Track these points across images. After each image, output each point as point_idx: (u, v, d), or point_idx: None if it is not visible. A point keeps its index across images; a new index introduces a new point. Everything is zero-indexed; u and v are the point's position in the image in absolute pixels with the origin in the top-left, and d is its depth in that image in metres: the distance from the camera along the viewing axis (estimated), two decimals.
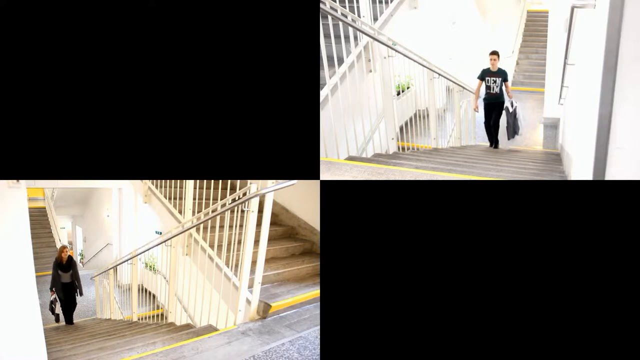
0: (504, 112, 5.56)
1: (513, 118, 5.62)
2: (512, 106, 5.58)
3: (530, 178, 3.19)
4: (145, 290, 5.61)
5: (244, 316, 2.90)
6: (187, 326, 3.71)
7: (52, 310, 5.80)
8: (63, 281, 5.72)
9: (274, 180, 2.85)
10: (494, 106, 5.60)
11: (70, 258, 5.76)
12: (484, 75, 5.55)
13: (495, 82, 5.51)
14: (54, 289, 5.71)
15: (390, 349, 1.40)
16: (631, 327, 1.31)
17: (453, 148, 5.41)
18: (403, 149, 4.45)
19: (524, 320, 1.36)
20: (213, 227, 3.22)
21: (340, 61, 3.38)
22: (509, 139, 5.70)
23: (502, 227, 1.36)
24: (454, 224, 1.38)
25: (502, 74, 5.52)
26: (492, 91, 5.53)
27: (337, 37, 3.21)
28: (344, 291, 1.41)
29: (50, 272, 6.06)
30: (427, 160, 3.60)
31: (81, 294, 5.85)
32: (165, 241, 3.92)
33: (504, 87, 5.56)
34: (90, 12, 1.51)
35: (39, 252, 8.55)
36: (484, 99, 5.66)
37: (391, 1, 4.38)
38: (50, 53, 1.50)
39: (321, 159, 2.85)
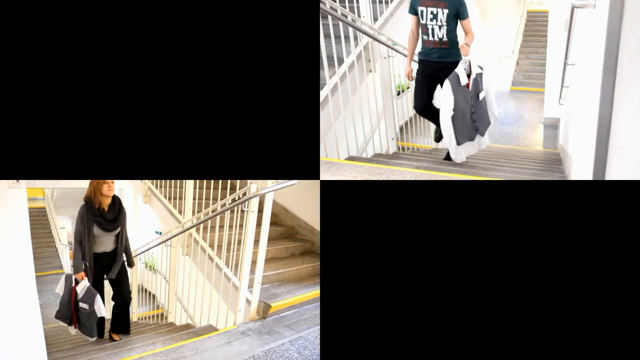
0: (446, 86, 2.77)
1: (474, 98, 2.85)
2: (468, 71, 2.80)
3: (530, 178, 3.19)
4: (145, 290, 5.61)
5: (244, 316, 2.90)
6: (187, 326, 3.71)
7: (70, 316, 2.88)
8: (100, 250, 2.91)
9: (274, 180, 2.86)
10: (435, 71, 2.90)
11: (117, 200, 2.97)
12: (415, 3, 2.84)
13: (434, 17, 2.76)
14: (84, 264, 2.80)
15: (390, 349, 1.40)
16: (631, 327, 1.31)
17: None
18: (403, 149, 4.45)
19: (524, 320, 1.36)
20: (213, 227, 3.22)
21: (340, 61, 3.38)
22: (458, 143, 2.92)
23: (502, 227, 1.36)
24: (454, 224, 1.38)
25: (451, 1, 2.76)
26: (431, 37, 2.82)
27: (337, 37, 3.21)
28: (344, 291, 1.41)
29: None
30: (427, 160, 3.60)
31: (131, 265, 3.20)
32: (165, 241, 3.93)
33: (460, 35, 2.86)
34: (90, 12, 1.51)
35: (39, 252, 8.55)
36: (419, 57, 2.99)
37: (391, 1, 4.38)
38: (49, 53, 1.50)
39: (321, 159, 2.86)
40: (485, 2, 9.64)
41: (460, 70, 2.84)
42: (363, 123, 3.73)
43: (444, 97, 2.88)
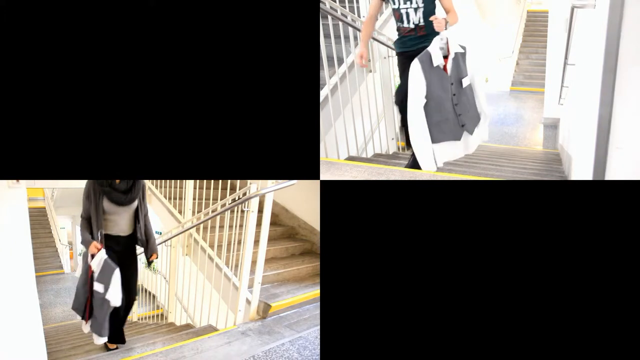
0: (413, 67, 2.24)
1: (455, 85, 2.34)
2: (445, 51, 2.29)
3: (530, 178, 3.19)
4: (145, 290, 5.61)
5: (244, 316, 2.90)
6: (187, 326, 3.71)
7: (84, 306, 2.45)
8: (113, 231, 2.50)
9: (274, 180, 2.86)
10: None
11: None
12: None
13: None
14: (98, 234, 2.39)
15: (391, 349, 1.40)
16: (631, 327, 1.31)
17: None
18: (403, 149, 4.45)
19: (524, 320, 1.36)
20: (213, 227, 3.22)
21: (340, 61, 3.38)
22: (435, 140, 2.34)
23: (502, 227, 1.36)
24: (454, 224, 1.38)
25: None
26: (406, 24, 2.45)
27: (337, 37, 3.21)
28: (344, 291, 1.41)
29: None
30: None
31: (150, 260, 2.71)
32: (165, 241, 3.93)
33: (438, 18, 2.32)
34: (90, 12, 1.51)
35: (39, 252, 8.55)
36: (396, 49, 2.63)
37: None
38: (49, 52, 1.50)
39: (321, 159, 2.86)
40: (485, 2, 9.64)
41: (434, 48, 2.24)
42: (363, 123, 3.73)
43: (411, 81, 2.25)
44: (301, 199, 4.44)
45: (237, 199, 2.88)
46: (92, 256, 2.40)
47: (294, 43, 1.58)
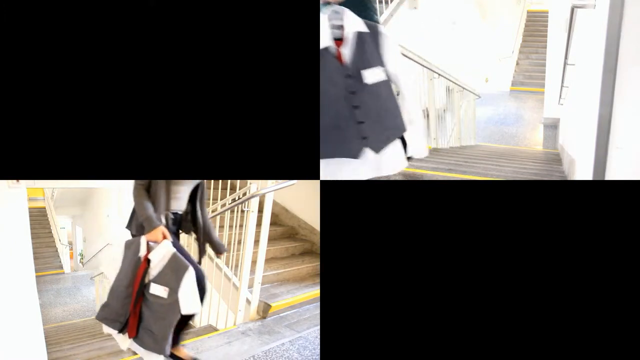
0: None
1: (355, 80, 1.62)
2: (339, 33, 1.64)
3: (530, 178, 3.19)
4: None
5: (244, 316, 2.90)
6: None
7: (125, 316, 1.80)
8: (173, 208, 1.98)
9: (274, 180, 2.86)
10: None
11: None
12: None
13: None
14: (164, 216, 1.87)
15: (391, 349, 1.40)
16: (631, 327, 1.31)
17: (453, 148, 5.40)
18: None
19: (524, 320, 1.36)
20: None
21: None
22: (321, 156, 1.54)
23: (502, 227, 1.36)
24: (454, 224, 1.38)
25: None
26: None
27: None
28: (344, 291, 1.41)
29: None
30: (427, 160, 3.60)
31: (221, 251, 2.28)
32: None
33: None
34: (90, 11, 1.51)
35: (39, 252, 8.55)
36: None
37: (391, 1, 4.37)
38: (49, 52, 1.50)
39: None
40: (485, 2, 9.64)
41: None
42: None
43: None
44: (301, 199, 4.44)
45: (237, 199, 2.88)
46: (148, 246, 1.75)
47: (294, 43, 1.58)
